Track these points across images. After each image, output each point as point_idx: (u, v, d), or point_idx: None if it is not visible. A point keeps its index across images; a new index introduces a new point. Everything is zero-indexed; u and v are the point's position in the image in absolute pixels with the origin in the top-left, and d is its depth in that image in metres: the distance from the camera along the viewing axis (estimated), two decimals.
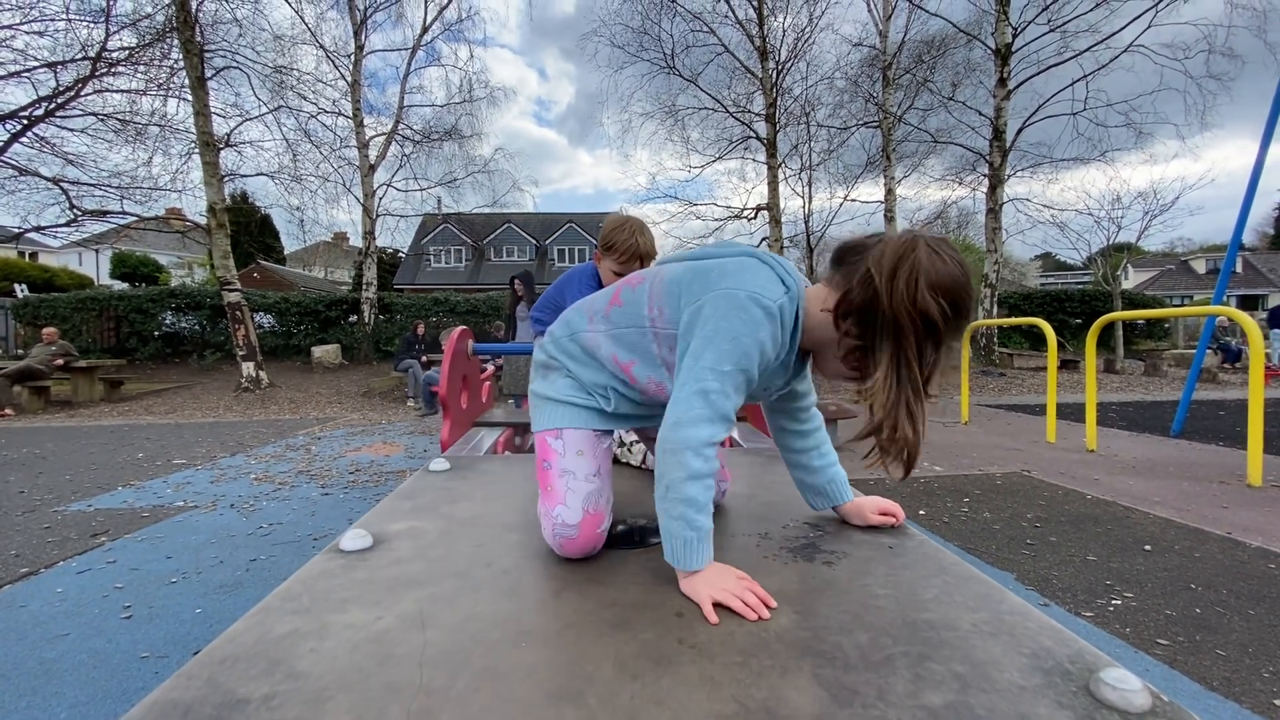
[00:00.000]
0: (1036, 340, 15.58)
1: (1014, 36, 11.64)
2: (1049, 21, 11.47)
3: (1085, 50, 11.53)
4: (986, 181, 12.32)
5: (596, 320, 1.09)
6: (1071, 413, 6.11)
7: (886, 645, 0.75)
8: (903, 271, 0.83)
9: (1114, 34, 11.30)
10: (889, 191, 13.73)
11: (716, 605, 0.83)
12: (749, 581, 0.88)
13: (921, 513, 2.94)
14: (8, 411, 7.69)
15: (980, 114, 12.39)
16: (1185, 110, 11.72)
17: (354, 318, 13.97)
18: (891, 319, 0.84)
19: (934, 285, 0.83)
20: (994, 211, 12.11)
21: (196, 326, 13.30)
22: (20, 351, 12.20)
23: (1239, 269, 35.01)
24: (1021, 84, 11.95)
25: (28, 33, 9.88)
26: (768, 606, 0.84)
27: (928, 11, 12.48)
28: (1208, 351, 4.57)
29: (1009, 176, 12.42)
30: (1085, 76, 11.76)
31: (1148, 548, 2.42)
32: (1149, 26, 10.95)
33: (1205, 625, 1.78)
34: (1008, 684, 0.66)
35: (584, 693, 0.66)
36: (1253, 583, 2.07)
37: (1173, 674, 1.53)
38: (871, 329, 0.87)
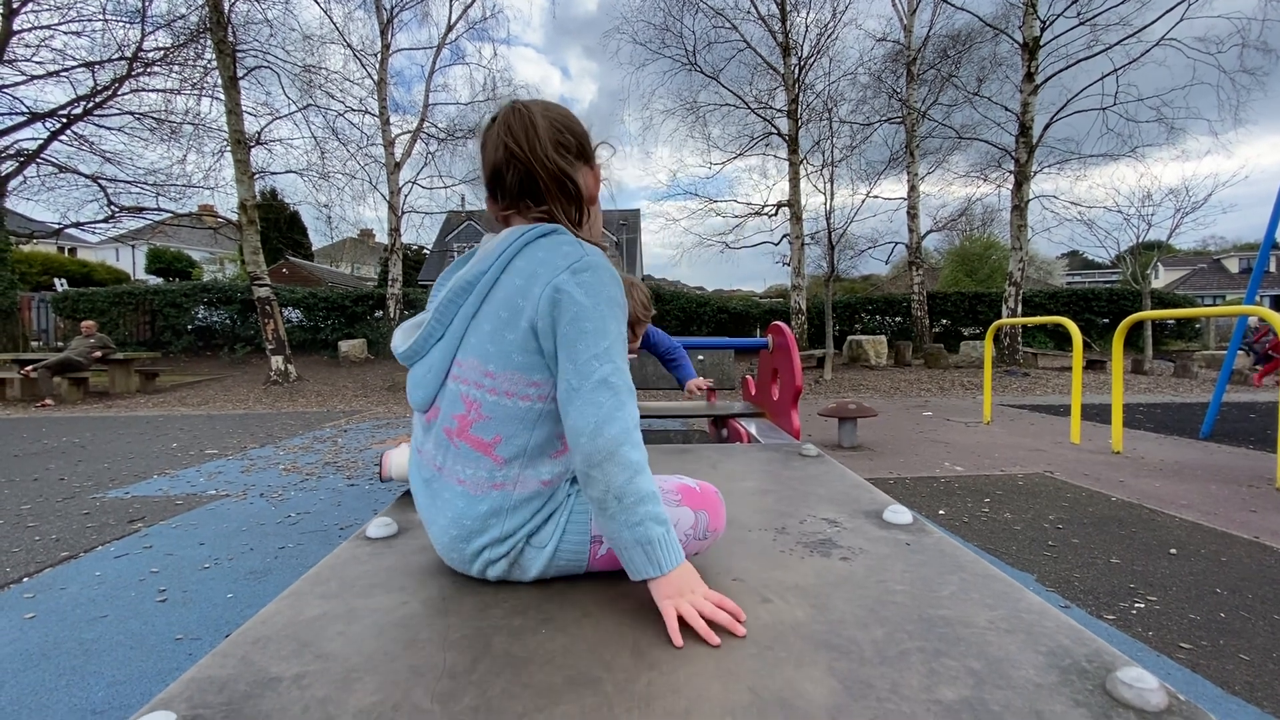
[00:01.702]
0: (1061, 340, 15.26)
1: (1042, 30, 11.39)
2: (1079, 14, 11.21)
3: (1116, 44, 11.26)
4: (1012, 178, 12.10)
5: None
6: (1097, 414, 5.99)
7: (902, 640, 0.76)
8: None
9: (1145, 27, 11.01)
10: (912, 188, 13.55)
11: (682, 623, 0.77)
12: (719, 596, 0.82)
13: (941, 512, 2.92)
14: (48, 402, 7.95)
15: (1006, 109, 12.17)
16: (1218, 105, 11.44)
17: (380, 313, 14.19)
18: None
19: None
20: (1019, 209, 11.88)
21: (227, 321, 13.62)
22: (60, 344, 12.60)
23: (1272, 268, 33.85)
24: (1049, 79, 11.70)
25: (66, 33, 10.19)
26: (739, 621, 0.79)
27: (954, 5, 12.28)
28: (1239, 353, 4.44)
29: (1035, 173, 12.17)
30: (1115, 70, 11.47)
31: (1173, 551, 2.37)
32: (1181, 19, 10.66)
33: (1229, 630, 1.74)
34: (1023, 681, 0.67)
35: (602, 679, 0.67)
36: (1279, 588, 2.02)
37: (1194, 677, 1.50)
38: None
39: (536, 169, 0.92)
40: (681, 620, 0.77)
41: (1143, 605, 1.92)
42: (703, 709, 0.62)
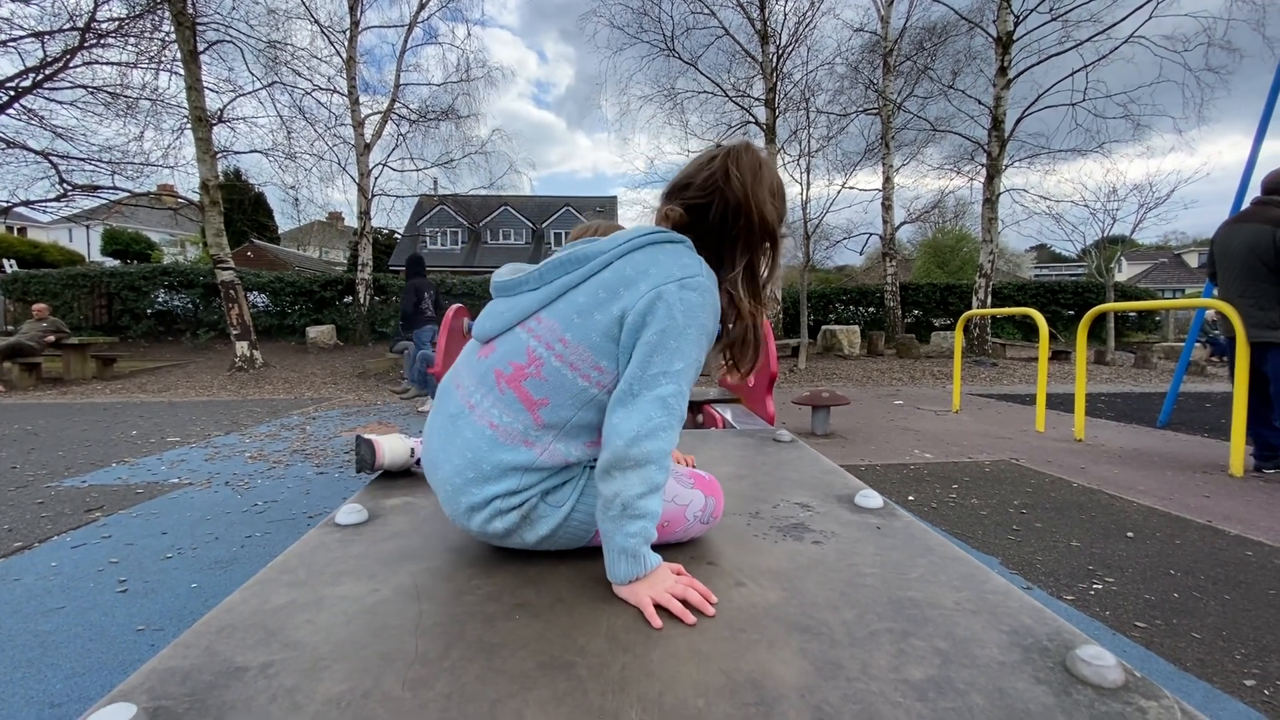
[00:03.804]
0: (1029, 331, 15.66)
1: (1016, 25, 11.55)
2: (1051, 10, 11.39)
3: (1086, 40, 11.46)
4: (984, 171, 12.29)
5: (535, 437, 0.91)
6: (1061, 403, 6.17)
7: (871, 622, 0.77)
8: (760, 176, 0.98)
9: (1115, 24, 11.24)
10: (887, 179, 13.69)
11: (658, 607, 0.80)
12: (688, 578, 0.86)
13: (911, 498, 2.98)
14: None
15: (980, 103, 12.33)
16: (1183, 103, 11.71)
17: (349, 298, 13.90)
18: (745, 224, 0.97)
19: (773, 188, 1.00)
20: (991, 202, 12.10)
21: (189, 305, 13.21)
22: (10, 328, 12.09)
23: None
24: (1022, 73, 11.89)
25: (13, 0, 9.67)
26: (709, 601, 0.82)
27: None
28: (1196, 345, 4.61)
29: (1006, 167, 12.39)
30: (1085, 67, 11.69)
31: (1130, 534, 2.46)
32: (1150, 17, 10.89)
33: (1182, 609, 1.82)
34: (987, 660, 0.68)
35: (576, 664, 0.67)
36: (1230, 569, 2.11)
37: (1149, 655, 1.57)
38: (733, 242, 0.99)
39: (749, 206, 0.96)
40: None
41: (1101, 586, 1.99)
42: (676, 691, 0.62)
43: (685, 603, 0.80)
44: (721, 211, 0.96)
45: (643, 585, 0.82)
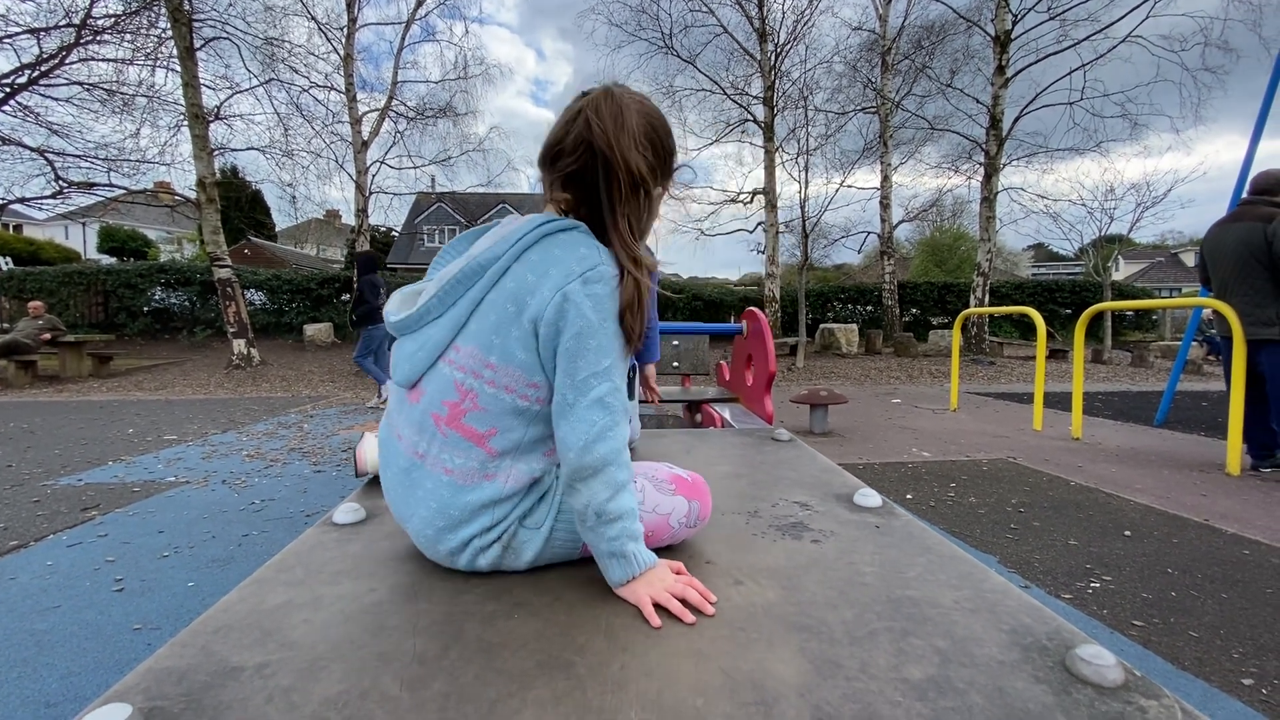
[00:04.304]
0: (1027, 330, 15.69)
1: (1014, 24, 11.56)
2: (1049, 9, 11.40)
3: (1084, 39, 11.48)
4: (982, 170, 12.31)
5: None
6: (1059, 401, 6.18)
7: (870, 620, 0.77)
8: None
9: (1113, 23, 11.25)
10: (885, 178, 13.70)
11: (657, 606, 0.79)
12: (688, 577, 0.85)
13: (909, 496, 2.98)
14: None
15: (978, 102, 12.35)
16: (1180, 103, 11.83)
17: (346, 296, 13.86)
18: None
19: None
20: (988, 200, 12.12)
21: (186, 303, 13.16)
22: (5, 325, 12.05)
23: None
24: (1020, 72, 11.90)
25: None
26: (709, 601, 0.81)
27: None
28: (1193, 343, 4.62)
29: (1004, 165, 12.41)
30: (1083, 66, 11.71)
31: (1128, 533, 2.47)
32: (1147, 17, 10.91)
33: (1180, 608, 1.82)
34: (987, 659, 0.68)
35: (575, 663, 0.67)
36: (1227, 568, 2.12)
37: (1146, 653, 1.57)
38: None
39: (614, 158, 0.87)
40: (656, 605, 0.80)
41: (1098, 585, 1.99)
42: (675, 690, 0.62)
43: (685, 602, 0.80)
44: (594, 170, 0.89)
45: (641, 584, 0.82)
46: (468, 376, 0.85)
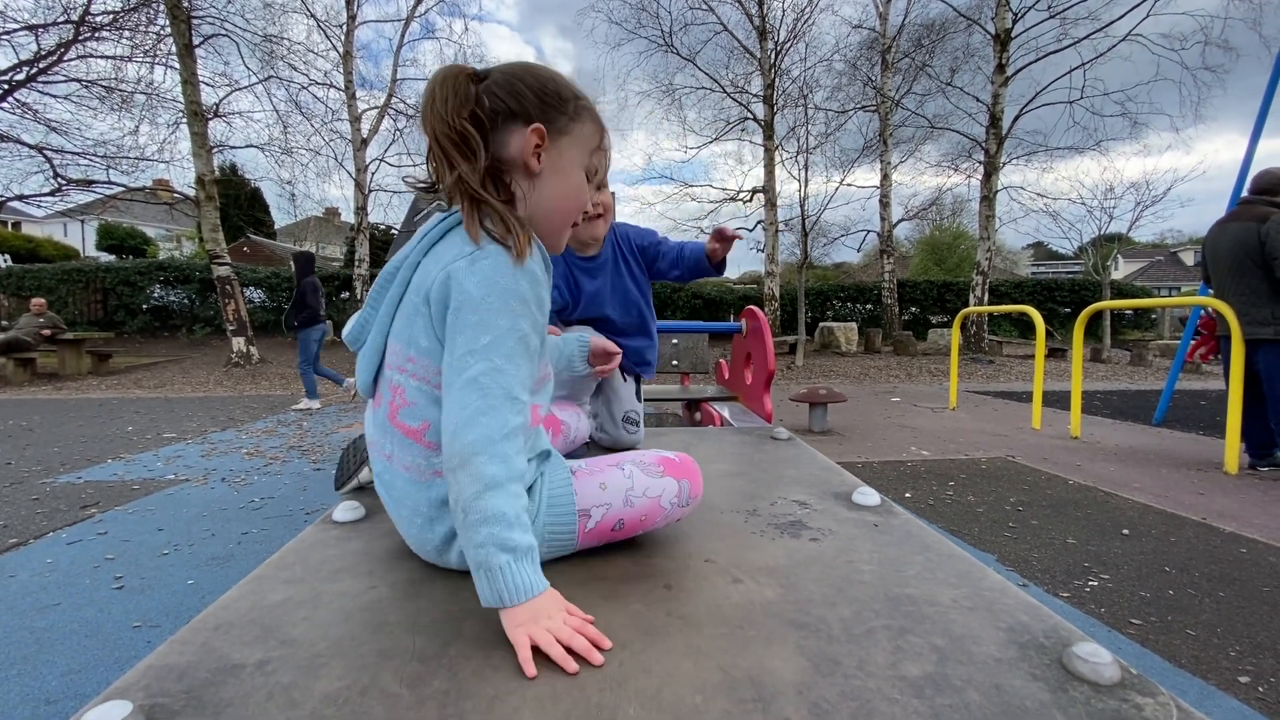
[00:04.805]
0: (1026, 328, 15.70)
1: (1014, 22, 11.56)
2: (1049, 8, 11.40)
3: (1084, 38, 11.49)
4: (981, 169, 12.32)
5: None
6: (1058, 400, 6.19)
7: (869, 619, 0.77)
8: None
9: (1113, 22, 11.26)
10: (885, 177, 13.70)
11: (536, 651, 0.67)
12: (579, 620, 0.72)
13: (908, 495, 2.99)
14: None
15: (978, 100, 12.35)
16: (1180, 102, 11.90)
17: (345, 294, 13.87)
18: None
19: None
20: (988, 199, 12.12)
21: (185, 300, 13.16)
22: (5, 323, 12.04)
23: None
24: (1020, 71, 11.90)
25: None
26: (599, 648, 0.68)
27: None
28: (1191, 342, 4.63)
29: (1004, 164, 12.42)
30: (1083, 64, 11.73)
31: (1126, 532, 2.47)
32: (1148, 15, 10.92)
33: (1177, 606, 1.83)
34: (984, 657, 0.68)
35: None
36: (1224, 566, 2.12)
37: (1144, 652, 1.57)
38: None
39: (427, 130, 0.82)
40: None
41: (1096, 583, 1.99)
42: (674, 687, 0.62)
43: (571, 651, 0.67)
44: (439, 155, 0.84)
45: (522, 615, 0.69)
46: (395, 373, 0.87)
